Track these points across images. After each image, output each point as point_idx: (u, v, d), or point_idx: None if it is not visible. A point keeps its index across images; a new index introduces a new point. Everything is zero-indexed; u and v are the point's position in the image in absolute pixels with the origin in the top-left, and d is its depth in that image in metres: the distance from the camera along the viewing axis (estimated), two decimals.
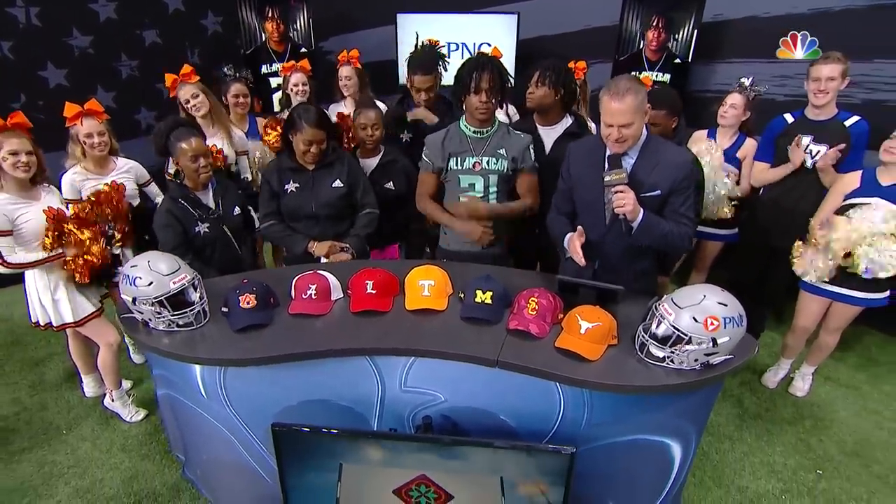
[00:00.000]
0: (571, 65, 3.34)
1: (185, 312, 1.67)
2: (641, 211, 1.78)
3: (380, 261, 2.47)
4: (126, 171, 2.59)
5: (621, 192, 1.75)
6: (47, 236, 2.11)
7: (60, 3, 3.52)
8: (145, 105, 4.05)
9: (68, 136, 2.43)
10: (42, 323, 2.31)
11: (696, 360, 1.54)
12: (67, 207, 2.30)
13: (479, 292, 1.81)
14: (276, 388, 1.74)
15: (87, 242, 2.15)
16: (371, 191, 2.44)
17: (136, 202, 2.59)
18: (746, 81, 2.83)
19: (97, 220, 2.29)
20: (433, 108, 2.73)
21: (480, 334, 1.72)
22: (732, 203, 2.89)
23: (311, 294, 1.82)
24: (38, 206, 2.13)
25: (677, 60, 3.73)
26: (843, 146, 2.51)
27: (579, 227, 1.94)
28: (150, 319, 1.67)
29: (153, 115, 4.07)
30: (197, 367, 1.70)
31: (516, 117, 3.03)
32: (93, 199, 2.30)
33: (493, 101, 2.10)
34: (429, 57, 2.66)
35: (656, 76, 3.77)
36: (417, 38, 3.88)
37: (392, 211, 2.56)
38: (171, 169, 2.34)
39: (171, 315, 1.65)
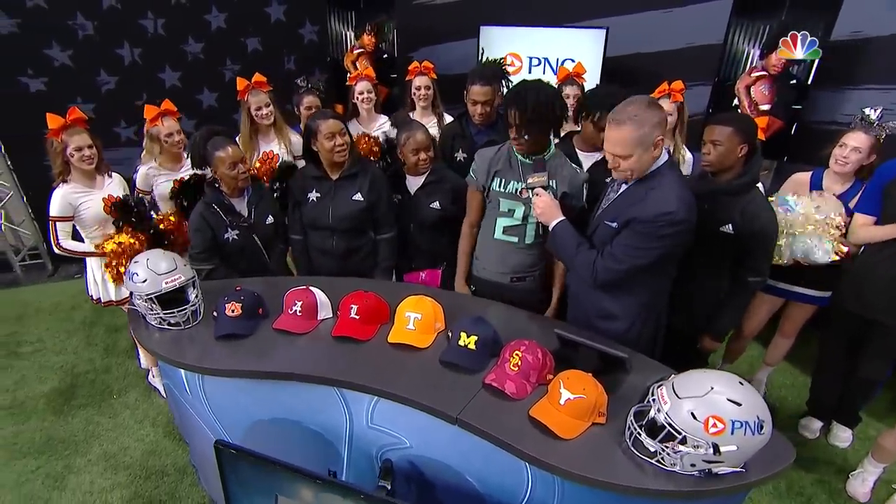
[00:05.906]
0: (665, 86, 2.96)
1: (174, 312, 1.73)
2: (557, 218, 1.80)
3: (377, 283, 2.29)
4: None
5: (538, 195, 1.83)
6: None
7: (181, 14, 3.97)
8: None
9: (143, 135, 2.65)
10: (94, 297, 2.58)
11: (692, 466, 1.24)
12: (136, 195, 2.53)
13: (463, 335, 1.65)
14: (249, 400, 1.74)
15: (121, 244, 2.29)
16: (392, 211, 2.36)
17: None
18: (873, 115, 2.24)
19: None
20: (493, 125, 2.56)
21: (453, 383, 1.56)
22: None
23: (296, 310, 1.79)
24: (99, 194, 2.37)
25: (793, 81, 3.14)
26: None
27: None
28: (146, 314, 1.76)
29: None
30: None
31: None
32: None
33: (527, 136, 1.86)
34: (491, 69, 2.47)
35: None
36: (483, 53, 3.76)
37: (436, 232, 2.41)
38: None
39: (162, 313, 1.72)
